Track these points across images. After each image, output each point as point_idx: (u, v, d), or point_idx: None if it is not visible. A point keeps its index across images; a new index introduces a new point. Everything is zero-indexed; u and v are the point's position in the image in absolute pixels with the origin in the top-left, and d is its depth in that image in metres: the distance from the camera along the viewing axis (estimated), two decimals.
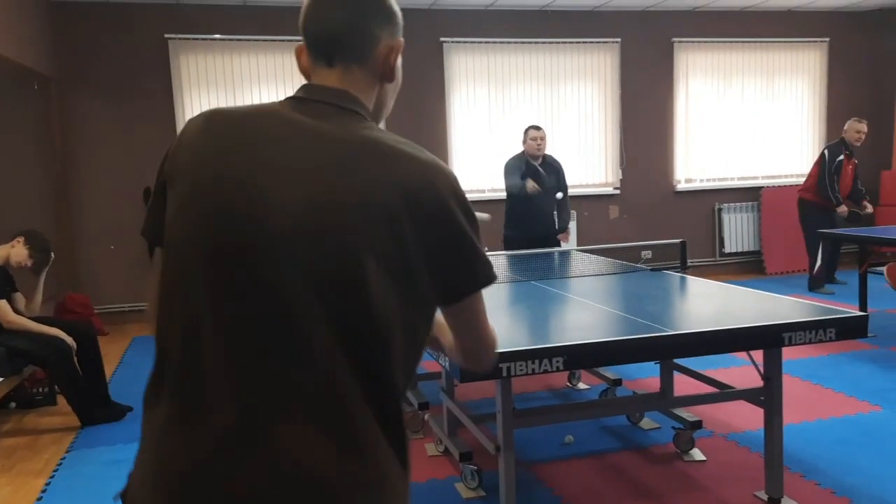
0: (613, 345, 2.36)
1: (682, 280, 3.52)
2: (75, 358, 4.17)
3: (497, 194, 7.57)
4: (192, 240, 1.00)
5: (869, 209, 6.99)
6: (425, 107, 7.47)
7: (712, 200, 8.39)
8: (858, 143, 6.88)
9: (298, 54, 1.16)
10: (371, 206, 0.98)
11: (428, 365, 4.43)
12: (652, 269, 3.90)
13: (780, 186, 8.37)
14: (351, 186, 0.99)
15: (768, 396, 2.80)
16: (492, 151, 7.53)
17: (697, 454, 3.34)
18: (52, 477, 3.47)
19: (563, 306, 3.03)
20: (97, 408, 4.20)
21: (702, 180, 8.35)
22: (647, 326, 2.51)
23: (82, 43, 6.69)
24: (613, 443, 3.56)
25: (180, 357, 1.00)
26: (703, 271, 8.07)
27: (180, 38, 6.88)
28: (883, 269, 5.55)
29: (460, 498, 3.02)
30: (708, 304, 2.95)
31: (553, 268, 4.16)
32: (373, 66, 1.13)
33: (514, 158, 5.45)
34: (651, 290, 3.28)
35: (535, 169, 5.37)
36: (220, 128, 1.05)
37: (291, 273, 0.97)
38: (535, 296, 3.25)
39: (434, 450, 3.52)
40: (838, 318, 2.53)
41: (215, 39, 6.95)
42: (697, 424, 3.30)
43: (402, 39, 1.17)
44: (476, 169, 7.65)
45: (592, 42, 7.89)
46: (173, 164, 1.06)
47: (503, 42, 7.64)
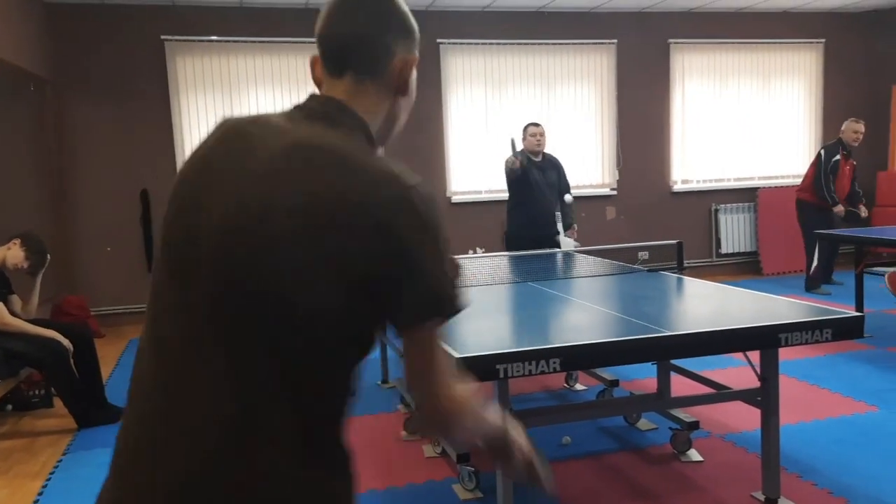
0: (610, 346, 2.36)
1: (679, 281, 3.52)
2: (72, 360, 4.16)
3: (494, 195, 7.59)
4: (159, 243, 1.05)
5: (864, 213, 6.99)
6: (422, 108, 7.46)
7: (709, 201, 8.40)
8: (856, 144, 6.89)
9: (313, 64, 1.14)
10: (306, 215, 0.95)
11: None
12: (649, 270, 3.90)
13: (776, 187, 8.38)
14: (284, 193, 0.96)
15: (765, 397, 2.81)
16: (488, 153, 7.53)
17: (694, 455, 3.34)
18: (49, 479, 3.47)
19: (560, 307, 3.03)
20: (94, 410, 4.19)
21: (698, 181, 8.36)
22: (644, 327, 2.51)
23: (78, 45, 6.68)
24: (611, 444, 3.56)
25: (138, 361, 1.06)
26: (700, 272, 8.07)
27: (177, 40, 6.87)
28: (880, 270, 5.57)
29: (458, 499, 3.02)
30: (705, 304, 2.96)
31: (550, 269, 4.16)
32: (387, 79, 1.11)
33: (514, 155, 5.47)
34: (648, 291, 3.28)
35: (534, 165, 5.39)
36: (215, 134, 1.07)
37: (208, 279, 0.97)
38: (531, 297, 3.25)
39: (431, 451, 3.52)
40: (835, 318, 2.53)
41: (212, 41, 6.94)
42: (694, 425, 3.31)
43: (417, 54, 1.15)
44: (473, 170, 7.66)
45: (589, 43, 7.90)
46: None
47: (500, 43, 7.64)
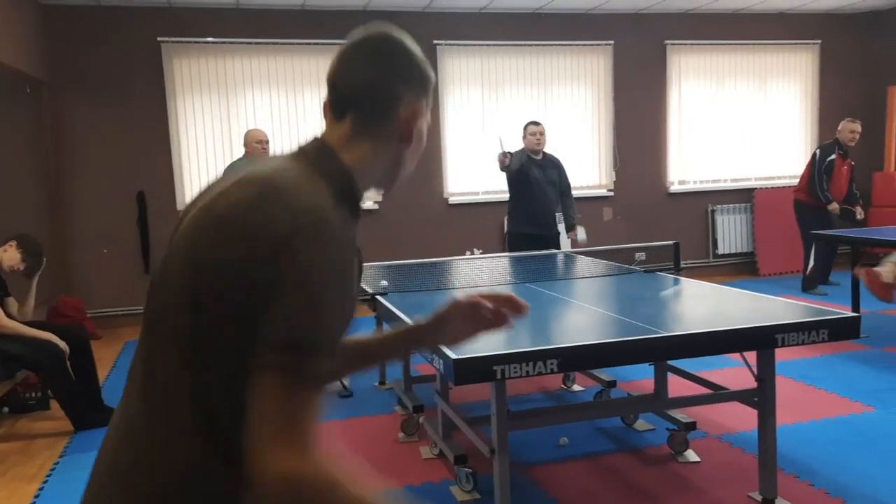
0: (607, 346, 2.36)
1: (676, 281, 3.52)
2: (68, 362, 4.15)
3: (491, 196, 7.60)
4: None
5: (861, 215, 7.00)
6: None
7: (705, 202, 8.41)
8: (853, 143, 6.90)
9: (325, 109, 1.13)
10: (191, 237, 0.96)
11: (422, 368, 4.43)
12: (646, 271, 3.91)
13: (773, 188, 8.39)
14: (193, 216, 0.99)
15: (762, 397, 2.81)
16: (485, 154, 7.53)
17: (692, 455, 3.35)
18: (46, 482, 3.45)
19: (557, 308, 3.03)
20: (90, 412, 4.18)
21: (695, 182, 8.37)
22: (641, 328, 2.52)
23: (75, 46, 6.67)
24: (608, 444, 3.56)
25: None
26: (697, 273, 8.09)
27: (173, 42, 6.87)
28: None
29: (455, 501, 3.02)
30: (701, 305, 2.96)
31: (547, 270, 4.17)
32: (393, 126, 1.10)
33: (515, 153, 5.49)
34: (645, 292, 3.29)
35: (535, 164, 5.41)
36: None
37: (154, 292, 1.02)
38: (529, 298, 3.25)
39: (429, 452, 3.52)
40: (831, 318, 2.54)
41: (208, 42, 6.93)
42: (691, 426, 3.31)
43: (425, 103, 1.13)
44: (470, 171, 7.66)
45: (585, 44, 7.91)
46: None
47: (497, 45, 7.65)
